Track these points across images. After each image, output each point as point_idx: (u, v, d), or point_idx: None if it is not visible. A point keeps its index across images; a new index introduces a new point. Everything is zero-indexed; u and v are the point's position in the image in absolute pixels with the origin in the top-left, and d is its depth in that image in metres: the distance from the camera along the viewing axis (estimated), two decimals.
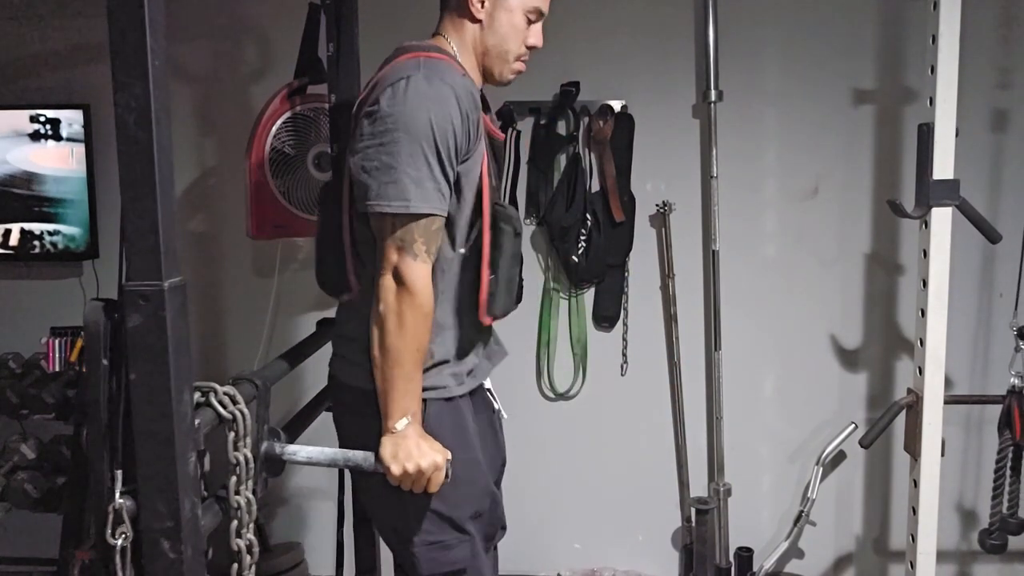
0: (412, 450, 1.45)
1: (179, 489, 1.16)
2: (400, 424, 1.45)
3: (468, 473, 1.60)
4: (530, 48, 1.66)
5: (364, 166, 1.46)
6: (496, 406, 1.82)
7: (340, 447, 1.64)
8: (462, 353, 1.63)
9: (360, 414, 1.57)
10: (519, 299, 1.70)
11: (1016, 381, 2.39)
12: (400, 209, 1.43)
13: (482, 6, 1.60)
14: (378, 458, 1.47)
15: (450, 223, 1.54)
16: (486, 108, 1.70)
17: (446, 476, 1.48)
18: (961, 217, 2.20)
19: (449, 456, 1.49)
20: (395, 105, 1.44)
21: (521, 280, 1.70)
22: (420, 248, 1.44)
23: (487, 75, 1.66)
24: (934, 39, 2.11)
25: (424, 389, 1.54)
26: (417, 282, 1.44)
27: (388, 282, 1.45)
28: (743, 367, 2.78)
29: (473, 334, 1.65)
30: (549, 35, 2.70)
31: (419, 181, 1.43)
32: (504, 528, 1.79)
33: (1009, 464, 2.40)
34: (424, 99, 1.44)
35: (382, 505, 1.64)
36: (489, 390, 1.81)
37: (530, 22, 1.63)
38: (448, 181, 1.47)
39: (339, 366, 1.67)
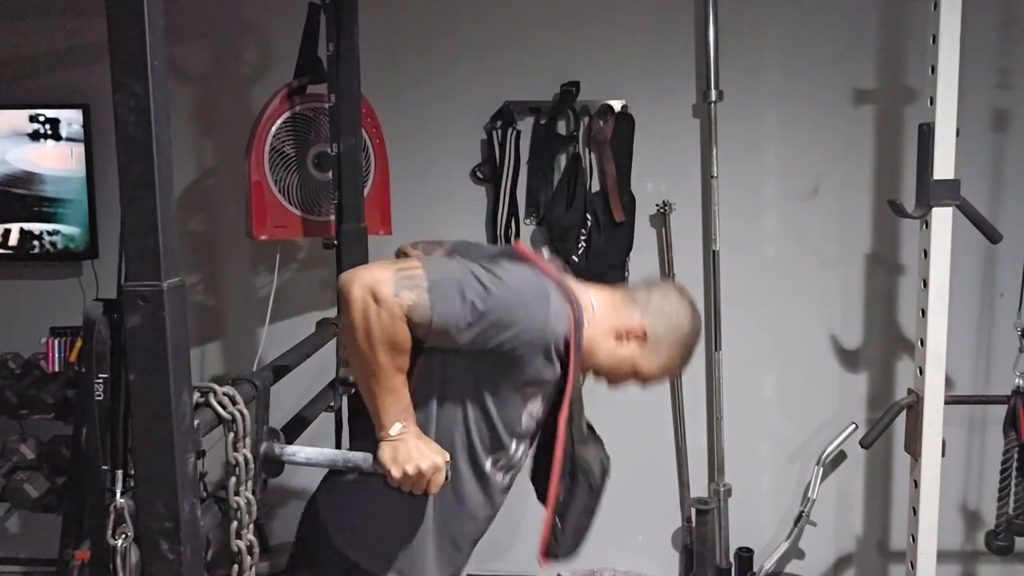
0: (412, 452, 1.44)
1: (178, 490, 1.16)
2: (395, 429, 1.45)
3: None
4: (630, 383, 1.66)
5: (459, 256, 1.48)
6: None
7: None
8: (434, 550, 1.58)
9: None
10: (582, 543, 1.68)
11: (1021, 381, 2.39)
12: (430, 275, 1.37)
13: (627, 343, 1.57)
14: (377, 461, 1.47)
15: (490, 420, 1.51)
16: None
17: (446, 477, 1.48)
18: (961, 217, 2.19)
19: (448, 457, 1.48)
20: (512, 273, 1.43)
21: (590, 527, 1.68)
22: (406, 298, 1.36)
23: (590, 363, 1.60)
24: (934, 39, 2.11)
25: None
26: (386, 305, 1.36)
27: (357, 295, 1.37)
28: (743, 367, 2.78)
29: (458, 539, 1.61)
30: (549, 35, 2.73)
31: (459, 298, 1.37)
32: None
33: (1015, 465, 2.39)
34: (528, 291, 1.42)
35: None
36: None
37: (644, 378, 1.64)
38: (467, 339, 1.40)
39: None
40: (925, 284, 2.21)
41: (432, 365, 1.49)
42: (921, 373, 2.25)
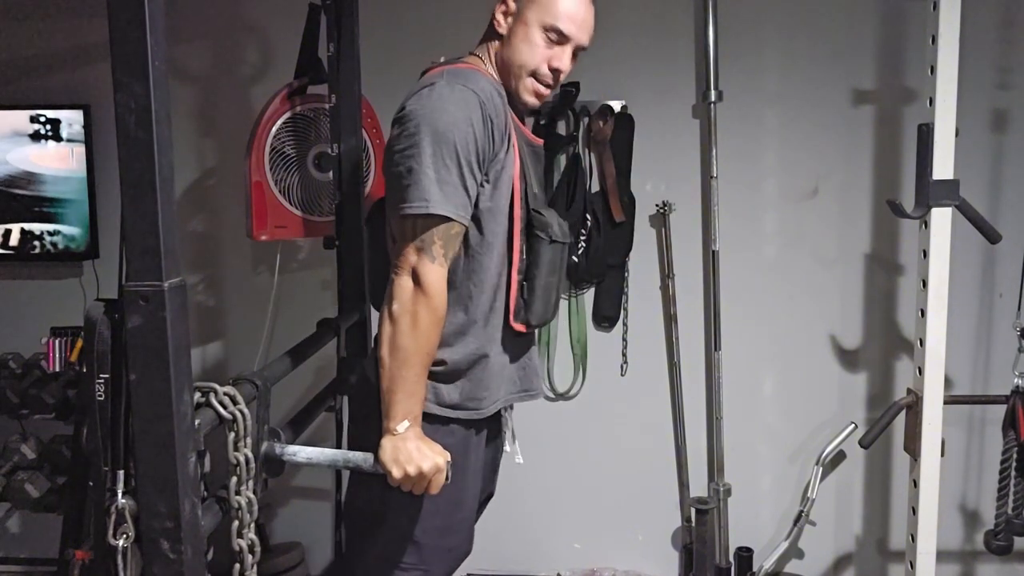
0: (412, 453, 1.45)
1: (179, 489, 1.16)
2: (401, 426, 1.45)
3: (450, 508, 1.61)
4: (553, 71, 1.61)
5: (391, 171, 1.49)
6: (507, 448, 1.78)
7: (350, 444, 1.63)
8: (491, 366, 1.61)
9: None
10: (556, 310, 1.69)
11: (1020, 381, 2.38)
12: (419, 210, 1.43)
13: (503, 22, 1.62)
14: (378, 460, 1.47)
15: (483, 228, 1.54)
16: (520, 116, 1.69)
17: (446, 479, 1.48)
18: (961, 217, 2.20)
19: (449, 458, 1.48)
20: (418, 109, 1.47)
21: (559, 290, 1.69)
22: (438, 251, 1.44)
23: (509, 93, 1.64)
24: (934, 39, 2.11)
25: (439, 404, 1.55)
26: (434, 284, 1.44)
27: (405, 282, 1.44)
28: (743, 367, 2.78)
29: (503, 349, 1.63)
30: None
31: (440, 183, 1.43)
32: (468, 553, 1.77)
33: (1014, 465, 2.39)
34: (446, 102, 1.46)
35: (359, 508, 1.66)
36: (509, 428, 1.77)
37: (551, 41, 1.59)
38: (470, 186, 1.47)
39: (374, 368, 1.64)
40: (924, 284, 2.22)
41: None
42: (920, 373, 2.25)
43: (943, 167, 2.13)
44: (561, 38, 1.59)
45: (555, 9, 1.57)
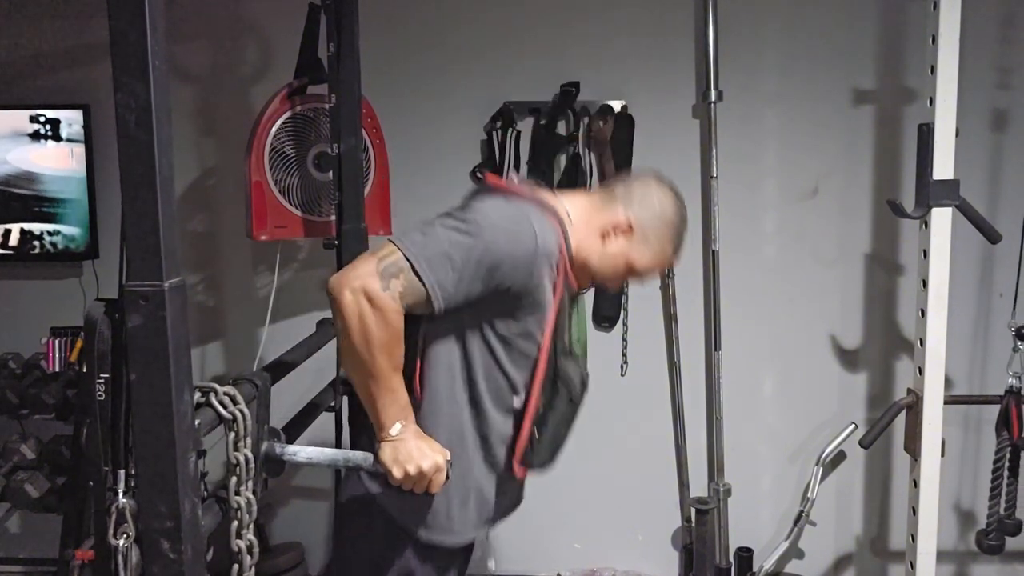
0: (412, 452, 1.44)
1: (179, 489, 1.16)
2: (395, 430, 1.45)
3: None
4: (637, 281, 1.68)
5: (429, 226, 1.44)
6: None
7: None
8: (477, 499, 1.58)
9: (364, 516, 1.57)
10: (558, 457, 1.67)
11: (1014, 381, 2.39)
12: (408, 253, 1.38)
13: (615, 234, 1.57)
14: (378, 461, 1.47)
15: (504, 372, 1.52)
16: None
17: (447, 477, 1.48)
18: (961, 217, 2.20)
19: (448, 456, 1.48)
20: (483, 213, 1.44)
21: (566, 440, 1.67)
22: (396, 286, 1.37)
23: (586, 270, 1.60)
24: (934, 39, 2.11)
25: (419, 525, 1.54)
26: (381, 300, 1.37)
27: (348, 298, 1.37)
28: (743, 367, 2.78)
29: (500, 488, 1.62)
30: (549, 35, 2.73)
31: (445, 257, 1.39)
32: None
33: (1007, 465, 2.40)
34: (508, 220, 1.43)
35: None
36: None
37: (642, 272, 1.64)
38: (468, 290, 1.42)
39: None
40: (924, 284, 2.22)
41: (440, 341, 1.51)
42: (920, 373, 2.25)
43: (943, 167, 2.13)
44: (643, 279, 1.66)
45: (659, 264, 1.63)
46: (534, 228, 1.44)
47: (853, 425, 2.69)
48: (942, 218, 2.17)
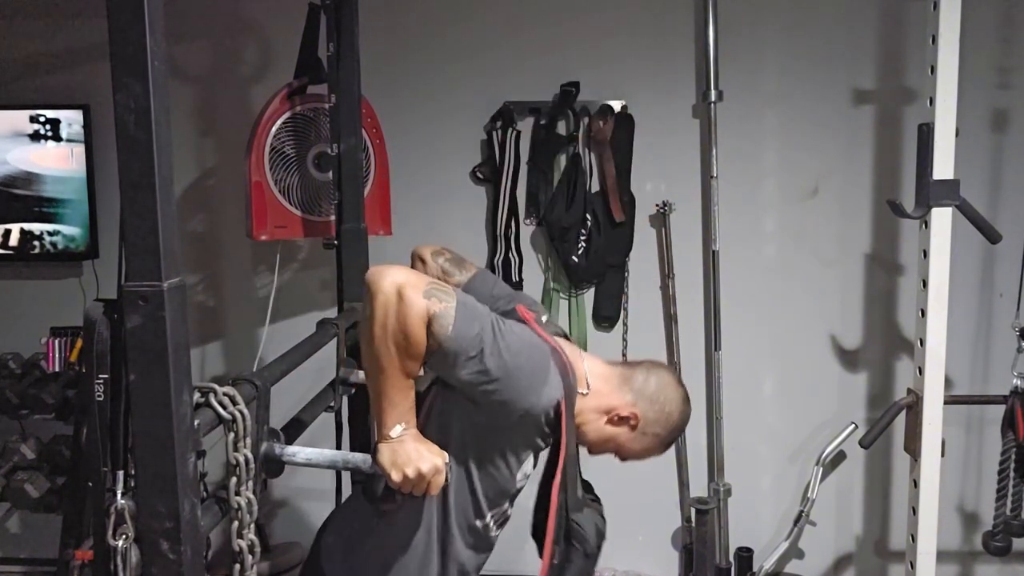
0: (411, 454, 1.44)
1: (178, 490, 1.16)
2: (395, 431, 1.44)
3: None
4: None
5: (479, 336, 1.41)
6: None
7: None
8: None
9: None
10: None
11: (1019, 382, 2.38)
12: (459, 299, 1.38)
13: (620, 423, 1.60)
14: (376, 463, 1.47)
15: (483, 499, 1.53)
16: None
17: (446, 479, 1.47)
18: (961, 217, 2.19)
19: (447, 458, 1.48)
20: (528, 345, 1.45)
21: None
22: (435, 304, 1.36)
23: (584, 441, 1.64)
24: (934, 39, 2.11)
25: None
26: (413, 305, 1.35)
27: (388, 290, 1.36)
28: (743, 367, 2.78)
29: None
30: (549, 35, 2.73)
31: (478, 334, 1.38)
32: None
33: (1013, 466, 2.39)
34: (540, 382, 1.44)
35: None
36: None
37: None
38: (476, 367, 1.39)
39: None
40: (925, 284, 2.21)
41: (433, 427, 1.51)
42: (921, 373, 2.25)
43: (943, 167, 2.13)
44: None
45: (652, 454, 1.71)
46: (548, 379, 1.45)
47: (853, 425, 2.69)
48: (942, 218, 2.17)
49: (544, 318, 1.65)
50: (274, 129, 2.32)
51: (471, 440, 1.50)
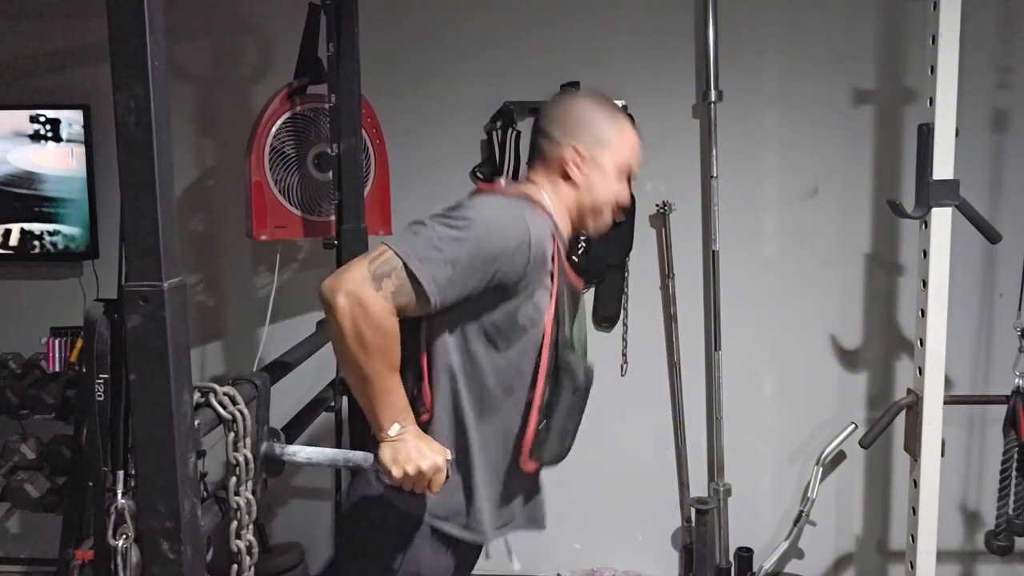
0: (412, 452, 1.44)
1: (179, 490, 1.16)
2: (394, 430, 1.45)
3: None
4: (618, 204, 1.67)
5: (418, 224, 1.45)
6: (514, 565, 1.77)
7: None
8: (487, 496, 1.58)
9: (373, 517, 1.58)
10: (569, 449, 1.67)
11: (1020, 382, 2.38)
12: (399, 251, 1.39)
13: (578, 169, 1.61)
14: (378, 461, 1.47)
15: (508, 362, 1.53)
16: (569, 255, 1.70)
17: (447, 477, 1.48)
18: (961, 217, 2.20)
19: (449, 456, 1.48)
20: (472, 209, 1.46)
21: (575, 432, 1.67)
22: (388, 286, 1.38)
23: (580, 225, 1.67)
24: (934, 39, 2.11)
25: (434, 515, 1.54)
26: (373, 306, 1.38)
27: (341, 302, 1.39)
28: (743, 367, 2.78)
29: (509, 484, 1.62)
30: (549, 35, 2.73)
31: (436, 251, 1.40)
32: None
33: (1015, 465, 2.39)
34: (499, 218, 1.46)
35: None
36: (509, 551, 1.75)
37: (623, 178, 1.66)
38: (463, 285, 1.43)
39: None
40: (925, 284, 2.21)
41: (442, 340, 1.52)
42: (921, 373, 2.25)
43: (943, 167, 2.13)
44: (630, 175, 1.68)
45: (627, 152, 1.65)
46: (526, 221, 1.47)
47: (853, 425, 2.69)
48: (942, 218, 2.17)
49: (502, 181, 1.68)
50: (274, 129, 2.32)
51: (486, 319, 1.51)
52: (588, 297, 2.81)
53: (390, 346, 1.41)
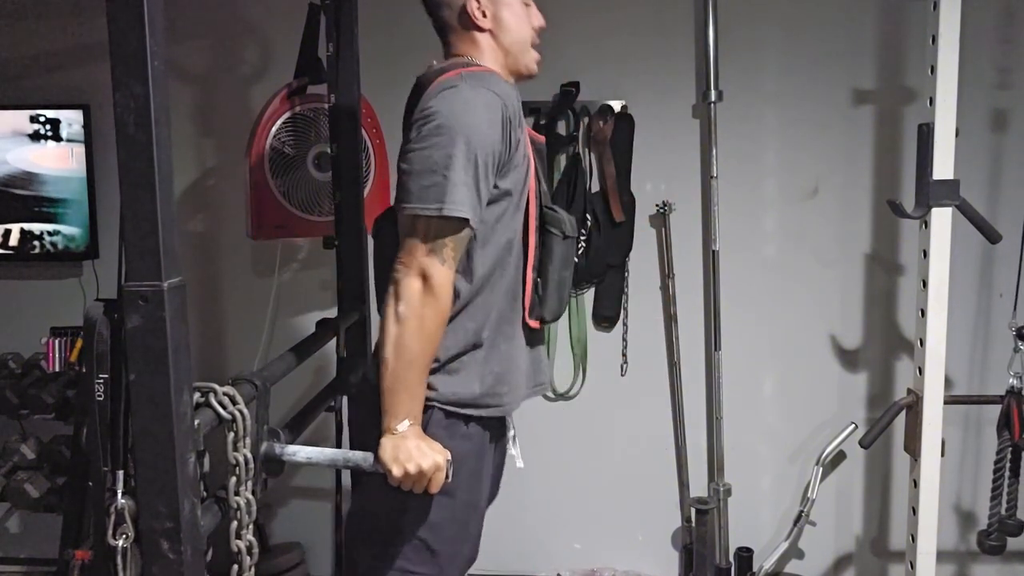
0: (412, 451, 1.45)
1: (179, 490, 1.16)
2: (402, 426, 1.45)
3: (466, 515, 1.61)
4: (538, 30, 1.69)
5: (405, 168, 1.48)
6: (513, 451, 1.77)
7: (354, 448, 1.62)
8: (501, 368, 1.60)
9: None
10: (567, 305, 1.71)
11: (1015, 382, 2.39)
12: (435, 212, 1.42)
13: (484, 15, 1.63)
14: (378, 459, 1.47)
15: (504, 228, 1.55)
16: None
17: (447, 477, 1.48)
18: (961, 217, 2.19)
19: (449, 456, 1.48)
20: (443, 109, 1.46)
21: (570, 285, 1.70)
22: (449, 254, 1.44)
23: (515, 74, 1.69)
24: (934, 39, 2.11)
25: (458, 403, 1.55)
26: (442, 286, 1.43)
27: (413, 283, 1.43)
28: (743, 367, 2.78)
29: (520, 344, 1.64)
30: (549, 35, 2.71)
31: (460, 185, 1.42)
32: (475, 559, 1.76)
33: (1008, 465, 2.40)
34: (471, 105, 1.46)
35: (372, 514, 1.64)
36: (513, 436, 1.77)
37: (526, 5, 1.68)
38: (483, 191, 1.46)
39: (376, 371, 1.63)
40: (924, 284, 2.21)
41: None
42: (920, 373, 2.25)
43: (943, 167, 2.13)
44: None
45: None
46: (491, 91, 1.49)
47: (853, 425, 2.69)
48: (942, 218, 2.16)
49: (434, 63, 1.72)
50: (274, 129, 2.32)
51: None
52: (588, 297, 2.81)
53: (439, 333, 1.47)
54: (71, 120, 2.75)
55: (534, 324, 1.65)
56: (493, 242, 1.55)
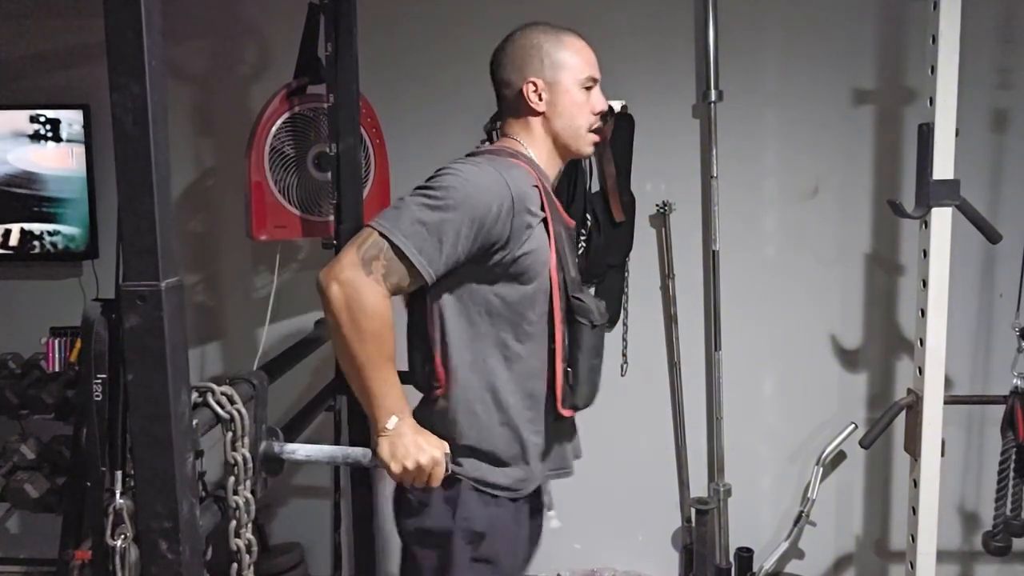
0: (410, 447, 1.44)
1: (177, 489, 1.16)
2: (391, 423, 1.45)
3: None
4: (598, 114, 1.70)
5: (396, 198, 1.49)
6: (549, 512, 1.77)
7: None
8: (532, 451, 1.59)
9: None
10: (598, 389, 1.67)
11: (1018, 382, 2.38)
12: (383, 230, 1.41)
13: (540, 99, 1.64)
14: (376, 457, 1.47)
15: (520, 316, 1.53)
16: (558, 196, 1.71)
17: (446, 469, 1.48)
18: (961, 217, 2.19)
19: (447, 449, 1.48)
20: (453, 171, 1.48)
21: (601, 371, 1.67)
22: (378, 269, 1.40)
23: (565, 156, 1.71)
24: (934, 39, 2.10)
25: (493, 486, 1.55)
26: (366, 290, 1.40)
27: (335, 293, 1.41)
28: (743, 367, 2.78)
29: (549, 435, 1.63)
30: None
31: (419, 224, 1.41)
32: None
33: (1012, 466, 2.39)
34: (478, 177, 1.47)
35: None
36: (547, 493, 1.76)
37: (588, 91, 1.70)
38: (452, 252, 1.44)
39: None
40: (925, 284, 2.21)
41: (451, 308, 1.53)
42: (921, 373, 2.25)
43: (943, 167, 2.13)
44: (594, 83, 1.72)
45: (582, 64, 1.70)
46: (503, 177, 1.49)
47: (853, 425, 2.69)
48: (942, 218, 2.16)
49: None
50: (274, 129, 2.32)
51: (491, 278, 1.52)
52: None
53: (384, 332, 1.42)
54: (71, 120, 2.75)
55: (567, 413, 1.62)
56: (511, 325, 1.54)
